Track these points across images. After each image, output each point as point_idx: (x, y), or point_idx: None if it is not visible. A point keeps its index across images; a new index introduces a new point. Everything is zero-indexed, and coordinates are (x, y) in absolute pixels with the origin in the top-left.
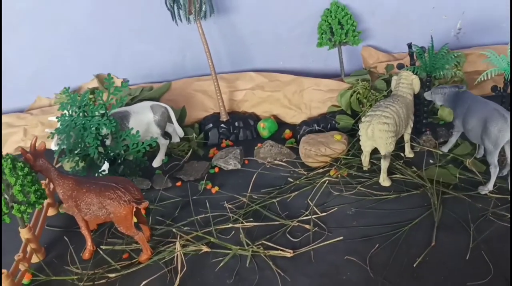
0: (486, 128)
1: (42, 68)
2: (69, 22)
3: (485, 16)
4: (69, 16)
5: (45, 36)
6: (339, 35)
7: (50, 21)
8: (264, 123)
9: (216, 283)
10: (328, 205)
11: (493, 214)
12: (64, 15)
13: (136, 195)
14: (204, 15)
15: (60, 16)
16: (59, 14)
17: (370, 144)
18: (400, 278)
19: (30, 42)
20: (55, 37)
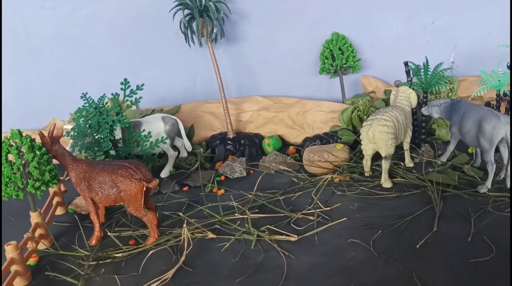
0: (481, 127)
1: (60, 91)
2: (88, 48)
3: (476, 50)
4: (88, 42)
5: (65, 60)
6: (340, 60)
7: (71, 46)
8: (269, 140)
9: (221, 262)
10: (332, 202)
11: (493, 207)
12: (84, 41)
13: (147, 175)
14: (215, 37)
15: (80, 42)
16: (79, 41)
17: (372, 147)
18: (403, 257)
19: (51, 66)
20: (75, 62)
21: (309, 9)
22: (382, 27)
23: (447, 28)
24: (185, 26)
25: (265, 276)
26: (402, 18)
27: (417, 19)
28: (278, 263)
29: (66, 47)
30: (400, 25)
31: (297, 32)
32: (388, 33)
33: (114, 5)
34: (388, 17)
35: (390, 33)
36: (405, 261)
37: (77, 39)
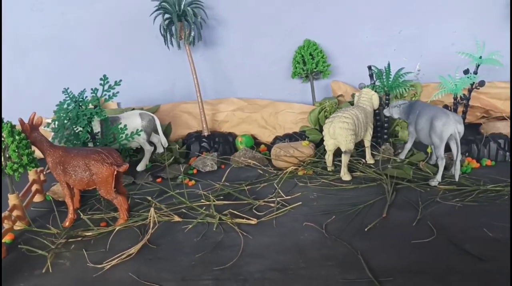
0: (432, 124)
1: (47, 91)
2: (75, 50)
3: (440, 59)
4: (75, 44)
5: (53, 61)
6: (310, 64)
7: (58, 48)
8: (242, 138)
9: (184, 241)
10: (293, 192)
11: (441, 198)
12: (71, 43)
13: (118, 160)
14: (192, 40)
15: (67, 44)
16: (66, 42)
17: (333, 142)
18: (352, 238)
19: (40, 66)
20: (62, 62)
21: (283, 17)
22: (352, 36)
23: (413, 37)
24: (164, 30)
25: (223, 252)
26: (371, 28)
27: (385, 28)
28: (236, 242)
29: (54, 48)
30: (369, 34)
31: (272, 39)
32: (358, 41)
33: (100, 10)
34: (358, 26)
35: (359, 41)
36: (353, 241)
37: (64, 41)
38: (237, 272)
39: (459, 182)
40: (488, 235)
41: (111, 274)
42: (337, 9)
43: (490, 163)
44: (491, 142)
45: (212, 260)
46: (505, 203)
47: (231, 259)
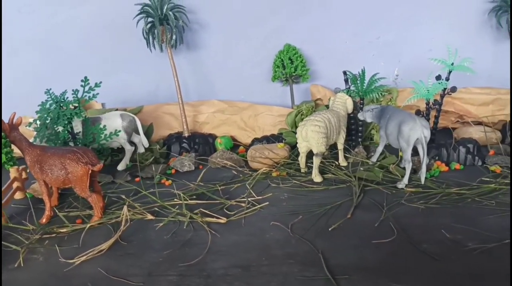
0: (400, 129)
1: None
2: (62, 52)
3: (418, 64)
4: (62, 46)
5: (40, 62)
6: (289, 68)
7: (47, 50)
8: (221, 140)
9: (155, 238)
10: (265, 192)
11: (406, 200)
12: (58, 45)
13: (93, 159)
14: (174, 43)
15: (54, 46)
16: (53, 44)
17: (305, 144)
18: (315, 237)
19: (27, 66)
20: (49, 64)
21: (264, 22)
22: (332, 41)
23: (391, 43)
24: (147, 33)
25: (190, 249)
26: (350, 33)
27: (364, 34)
28: (204, 240)
29: (41, 49)
30: (348, 40)
31: (253, 43)
32: (338, 46)
33: (86, 13)
34: (337, 32)
35: (339, 46)
36: (316, 240)
37: (51, 42)
38: (202, 268)
39: (425, 185)
40: (446, 236)
41: (81, 269)
42: (318, 14)
43: (458, 167)
44: (460, 146)
45: (179, 256)
46: (467, 206)
47: (197, 256)
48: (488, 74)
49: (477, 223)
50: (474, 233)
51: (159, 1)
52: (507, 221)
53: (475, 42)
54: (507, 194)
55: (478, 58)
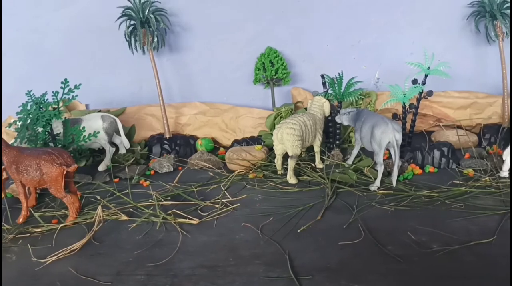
0: (373, 132)
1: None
2: (46, 53)
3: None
4: (46, 48)
5: (24, 64)
6: (270, 71)
7: (30, 51)
8: (202, 141)
9: (127, 238)
10: (240, 194)
11: (377, 202)
12: (42, 47)
13: (68, 161)
14: (155, 46)
15: (38, 47)
16: (38, 46)
17: (281, 147)
18: (284, 238)
19: (11, 68)
20: (33, 65)
21: (246, 25)
22: (313, 44)
23: (372, 47)
24: (129, 35)
25: (160, 249)
26: (331, 37)
27: (345, 38)
28: (174, 240)
29: (25, 51)
30: (329, 43)
31: (235, 46)
32: (319, 49)
33: (69, 15)
34: (319, 35)
35: (320, 50)
36: (284, 241)
37: (35, 44)
38: (169, 268)
39: (397, 187)
40: (411, 238)
41: (52, 268)
42: (299, 18)
43: (433, 170)
44: (435, 150)
45: (148, 256)
46: (436, 208)
47: (166, 256)
48: (468, 78)
49: (443, 226)
50: (439, 235)
51: (140, 4)
52: (473, 224)
53: (455, 46)
54: (477, 197)
55: (458, 62)
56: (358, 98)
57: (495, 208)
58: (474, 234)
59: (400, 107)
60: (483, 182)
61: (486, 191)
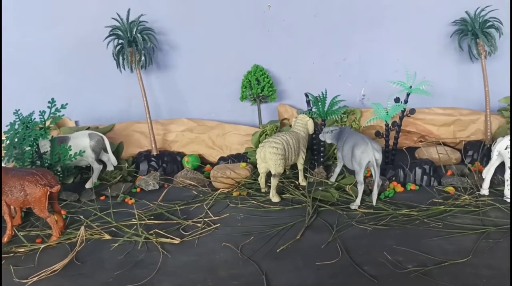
0: (353, 151)
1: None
2: (35, 71)
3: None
4: (36, 65)
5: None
6: (256, 89)
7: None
8: (188, 158)
9: (108, 258)
10: (223, 212)
11: (357, 221)
12: (31, 64)
13: (52, 181)
14: (143, 64)
15: (28, 65)
16: (27, 64)
17: (264, 165)
18: (262, 259)
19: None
20: (23, 82)
21: (233, 43)
22: (299, 62)
23: (358, 65)
24: (116, 54)
25: (140, 270)
26: (317, 54)
27: (330, 55)
28: (155, 261)
29: (14, 69)
30: (315, 60)
31: (223, 64)
32: (305, 67)
33: (59, 34)
34: (304, 53)
35: (306, 67)
36: (262, 262)
37: (25, 62)
38: None
39: (377, 206)
40: (387, 258)
41: None
42: (285, 36)
43: (414, 188)
44: (417, 167)
45: (128, 277)
46: (414, 227)
47: (146, 277)
48: (452, 95)
49: (420, 245)
50: (415, 255)
51: (128, 24)
52: (450, 243)
53: (439, 64)
54: (456, 216)
55: (442, 79)
56: (341, 116)
57: (473, 227)
58: (449, 254)
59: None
60: (463, 200)
61: (465, 210)
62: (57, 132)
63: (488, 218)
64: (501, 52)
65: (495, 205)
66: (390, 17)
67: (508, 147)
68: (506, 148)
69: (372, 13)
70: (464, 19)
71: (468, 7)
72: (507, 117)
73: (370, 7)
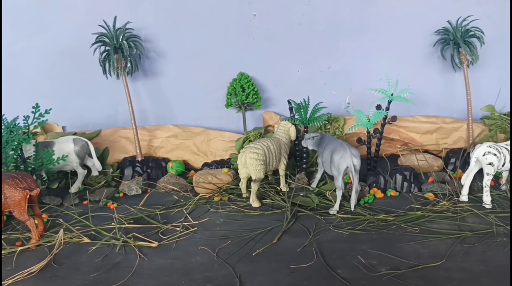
0: (332, 157)
1: None
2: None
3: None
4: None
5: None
6: (240, 96)
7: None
8: (173, 164)
9: (86, 261)
10: (203, 217)
11: (334, 226)
12: (18, 71)
13: (32, 185)
14: (129, 71)
15: (14, 72)
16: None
17: (245, 171)
18: (239, 262)
19: None
20: (9, 89)
21: (219, 51)
22: (284, 69)
23: (342, 73)
24: (103, 61)
25: (116, 273)
26: (302, 63)
27: (315, 64)
28: (131, 263)
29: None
30: (300, 69)
31: (209, 71)
32: (290, 74)
33: (44, 41)
34: (289, 61)
35: (291, 75)
36: (238, 265)
37: (12, 69)
38: None
39: (355, 211)
40: (361, 262)
41: None
42: (271, 44)
43: (394, 194)
44: (397, 174)
45: (104, 279)
46: (391, 232)
47: (121, 279)
48: (437, 103)
49: (395, 249)
50: (389, 259)
51: (114, 31)
52: (425, 247)
53: (423, 73)
54: (433, 221)
55: (426, 88)
56: (323, 123)
57: (449, 232)
58: (423, 258)
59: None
60: (441, 206)
61: (443, 215)
62: (44, 137)
63: (465, 224)
64: (483, 61)
65: (473, 210)
66: (374, 26)
67: (486, 154)
68: (484, 154)
69: (356, 22)
70: (446, 28)
71: (450, 17)
72: (488, 125)
73: (355, 16)
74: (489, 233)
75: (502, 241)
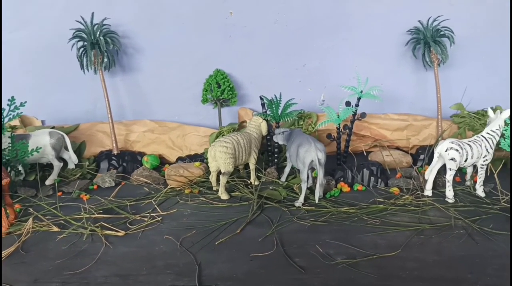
0: (297, 151)
1: None
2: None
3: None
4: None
5: None
6: (216, 92)
7: None
8: (148, 158)
9: (53, 248)
10: (172, 208)
11: (298, 217)
12: None
13: (2, 174)
14: (106, 66)
15: None
16: None
17: (215, 164)
18: (200, 251)
19: None
20: None
21: (196, 47)
22: (260, 67)
23: (317, 71)
24: (80, 56)
25: (81, 260)
26: (277, 60)
27: (290, 61)
28: (96, 251)
29: None
30: (275, 66)
31: (186, 67)
32: (266, 72)
33: (24, 36)
34: (265, 58)
35: (267, 72)
36: (199, 253)
37: None
38: (84, 276)
39: (320, 204)
40: (319, 251)
41: None
42: (247, 42)
43: (361, 188)
44: (364, 169)
45: (68, 265)
46: (352, 224)
47: (85, 265)
48: (410, 101)
49: (353, 240)
50: (346, 248)
51: (92, 27)
52: (383, 238)
53: (396, 71)
54: (395, 214)
55: (399, 86)
56: (294, 119)
57: (409, 224)
58: (380, 248)
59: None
60: (404, 200)
61: (405, 208)
62: (23, 130)
63: (426, 217)
64: (454, 60)
65: (435, 204)
66: (349, 25)
67: (448, 149)
68: (446, 150)
69: (331, 21)
70: (417, 28)
71: (423, 17)
72: (457, 123)
73: (329, 15)
74: (447, 226)
75: (459, 233)
